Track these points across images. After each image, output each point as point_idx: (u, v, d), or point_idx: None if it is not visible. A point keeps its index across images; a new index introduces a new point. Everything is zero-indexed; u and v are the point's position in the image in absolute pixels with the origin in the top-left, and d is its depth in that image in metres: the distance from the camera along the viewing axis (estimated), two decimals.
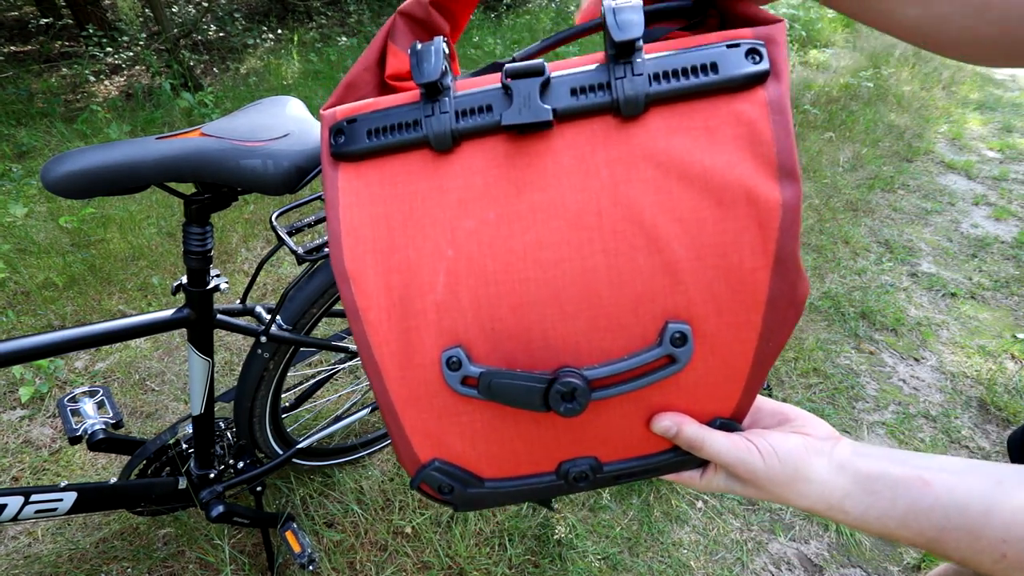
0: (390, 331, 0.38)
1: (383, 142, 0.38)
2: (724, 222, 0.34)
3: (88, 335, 0.72)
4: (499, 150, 0.37)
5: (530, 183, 0.36)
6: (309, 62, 3.96)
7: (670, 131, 0.35)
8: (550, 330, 0.37)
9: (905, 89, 3.35)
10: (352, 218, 0.38)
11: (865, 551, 1.20)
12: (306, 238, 2.05)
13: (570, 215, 0.36)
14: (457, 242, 0.37)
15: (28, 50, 4.57)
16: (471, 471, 0.41)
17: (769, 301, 0.35)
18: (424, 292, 0.37)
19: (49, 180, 0.60)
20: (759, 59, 0.34)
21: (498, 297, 0.37)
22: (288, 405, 1.22)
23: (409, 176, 0.38)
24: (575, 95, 0.35)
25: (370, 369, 0.40)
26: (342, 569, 1.15)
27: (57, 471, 1.33)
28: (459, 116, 0.36)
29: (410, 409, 0.40)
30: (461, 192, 0.37)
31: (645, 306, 0.36)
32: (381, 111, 0.38)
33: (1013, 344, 1.72)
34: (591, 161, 0.35)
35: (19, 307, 1.78)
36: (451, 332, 0.38)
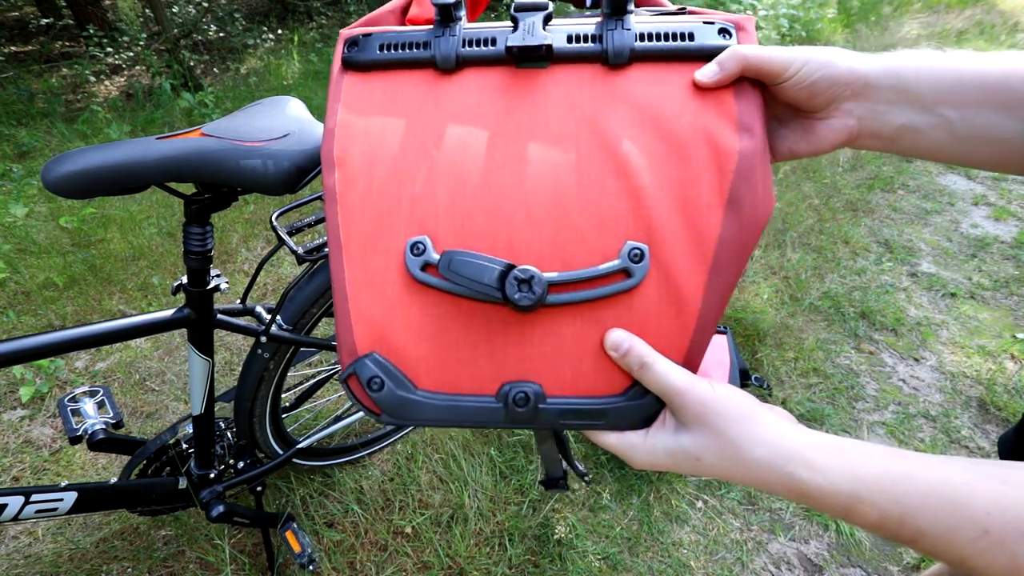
0: (363, 214, 0.40)
1: (392, 56, 0.41)
2: (686, 160, 0.38)
3: (88, 335, 0.72)
4: (497, 79, 0.41)
5: (519, 108, 0.40)
6: (309, 62, 3.96)
7: (649, 81, 0.39)
8: (516, 234, 0.39)
9: None
10: (348, 116, 0.41)
11: (865, 551, 1.20)
12: (306, 238, 2.05)
13: (551, 136, 0.39)
14: (444, 146, 0.40)
15: (29, 50, 4.57)
16: (407, 375, 0.40)
17: (720, 237, 0.38)
18: (403, 183, 0.40)
19: (49, 180, 0.60)
20: (728, 36, 0.39)
21: (472, 198, 0.39)
22: (288, 405, 1.22)
23: (410, 88, 0.41)
24: (571, 42, 0.40)
25: (333, 250, 0.41)
26: (342, 569, 1.15)
27: (57, 471, 1.33)
28: (466, 43, 0.41)
29: (362, 293, 0.40)
30: (456, 106, 0.40)
31: (608, 225, 0.38)
32: (395, 31, 0.42)
33: (1013, 344, 1.72)
34: (576, 96, 0.40)
35: (19, 307, 1.78)
36: (421, 223, 0.40)
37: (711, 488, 1.31)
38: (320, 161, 0.71)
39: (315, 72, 3.72)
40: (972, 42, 4.24)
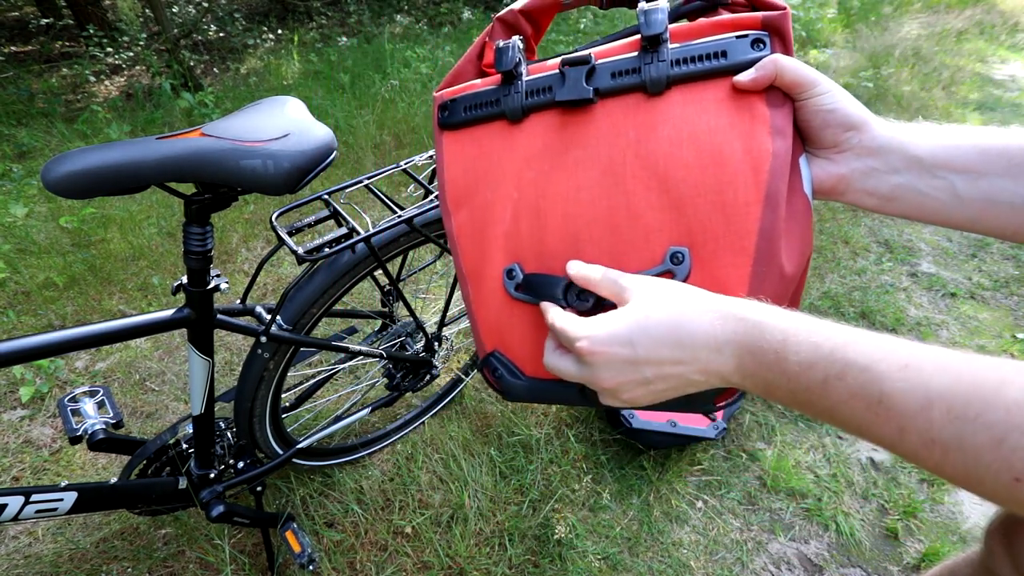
0: (473, 251, 0.53)
1: (473, 115, 0.51)
2: (722, 166, 0.42)
3: (88, 335, 0.72)
4: (555, 120, 0.48)
5: (575, 143, 0.47)
6: (309, 62, 3.95)
7: (686, 102, 0.43)
8: (581, 252, 0.47)
9: (905, 89, 3.34)
10: (452, 171, 0.53)
11: (865, 551, 1.20)
12: (306, 238, 2.05)
13: (602, 166, 0.46)
14: (521, 187, 0.49)
15: (29, 50, 4.57)
16: (517, 365, 0.52)
17: (761, 231, 0.41)
18: (496, 223, 0.51)
19: (49, 180, 0.60)
20: (762, 47, 0.41)
21: (546, 227, 0.48)
22: (288, 405, 1.22)
23: (490, 139, 0.51)
24: (614, 77, 0.45)
25: (461, 279, 0.55)
26: (342, 569, 1.15)
27: (57, 471, 1.33)
28: (528, 95, 0.48)
29: (482, 310, 0.53)
30: (526, 150, 0.49)
31: (654, 235, 0.44)
32: (473, 93, 0.52)
33: (1013, 344, 1.72)
34: (622, 125, 0.45)
35: (19, 307, 1.78)
36: (513, 253, 0.50)
37: (711, 488, 1.31)
38: (320, 161, 0.72)
39: (315, 72, 3.71)
40: (972, 42, 4.24)
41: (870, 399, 0.30)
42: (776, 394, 0.35)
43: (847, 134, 0.42)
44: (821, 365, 0.32)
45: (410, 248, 1.04)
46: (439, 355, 1.28)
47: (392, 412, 1.48)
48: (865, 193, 0.43)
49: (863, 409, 0.30)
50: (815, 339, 0.33)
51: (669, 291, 0.39)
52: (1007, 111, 3.21)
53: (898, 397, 0.29)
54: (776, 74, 0.40)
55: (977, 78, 3.64)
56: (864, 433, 0.31)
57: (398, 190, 2.38)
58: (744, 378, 0.36)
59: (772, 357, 0.34)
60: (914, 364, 0.29)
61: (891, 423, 0.29)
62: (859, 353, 0.31)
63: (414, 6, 5.31)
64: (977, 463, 0.27)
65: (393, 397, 1.28)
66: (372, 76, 3.36)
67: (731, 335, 0.36)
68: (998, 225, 0.39)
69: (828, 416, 0.32)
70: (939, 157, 0.39)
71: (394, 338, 1.23)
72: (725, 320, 0.36)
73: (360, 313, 1.27)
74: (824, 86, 0.41)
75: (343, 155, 2.63)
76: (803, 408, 0.34)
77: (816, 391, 0.32)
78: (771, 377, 0.34)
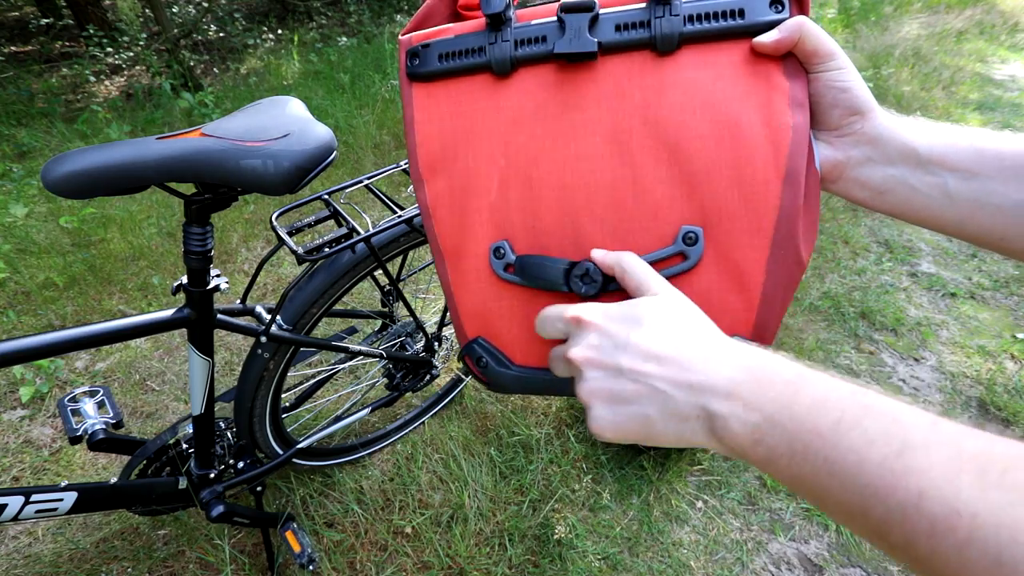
0: (451, 226, 0.46)
1: (451, 65, 0.44)
2: (739, 139, 0.38)
3: (88, 335, 0.72)
4: (550, 76, 0.42)
5: (574, 105, 0.41)
6: (309, 62, 3.95)
7: (698, 65, 0.39)
8: (581, 229, 0.42)
9: (905, 89, 3.35)
10: (425, 131, 0.45)
11: (865, 551, 1.20)
12: (306, 238, 2.05)
13: (605, 131, 0.41)
14: (509, 153, 0.43)
15: (29, 50, 4.57)
16: (505, 353, 0.47)
17: (781, 210, 0.38)
18: (480, 194, 0.44)
19: (49, 180, 0.60)
20: (781, 8, 0.38)
21: (539, 200, 0.42)
22: (288, 405, 1.22)
23: (472, 96, 0.44)
24: (619, 30, 0.40)
25: (436, 257, 0.48)
26: (342, 569, 1.15)
27: (57, 471, 1.33)
28: (518, 44, 0.42)
29: (462, 292, 0.47)
30: (515, 111, 0.43)
31: (664, 211, 0.40)
32: (451, 38, 0.44)
33: (1013, 344, 1.72)
34: (627, 87, 0.40)
35: (20, 307, 1.78)
36: (499, 228, 0.44)
37: (711, 488, 1.31)
38: (320, 161, 0.72)
39: (315, 72, 3.71)
40: (972, 42, 4.24)
41: (888, 451, 0.25)
42: (768, 438, 0.29)
43: (852, 118, 0.40)
44: (835, 405, 0.27)
45: (410, 248, 1.04)
46: (439, 355, 1.28)
47: (392, 412, 1.48)
48: (857, 183, 0.41)
49: (876, 463, 0.25)
50: (832, 381, 0.29)
51: (691, 304, 0.36)
52: (1007, 111, 3.21)
53: (922, 452, 0.24)
54: (799, 38, 0.37)
55: (977, 78, 3.64)
56: (871, 496, 0.25)
57: (398, 190, 2.38)
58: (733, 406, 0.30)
59: (781, 388, 0.29)
60: (944, 425, 0.25)
61: (909, 483, 0.24)
62: (881, 400, 0.27)
63: (414, 6, 5.31)
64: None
65: (393, 397, 1.28)
66: (372, 76, 3.36)
67: (738, 357, 0.32)
68: (985, 229, 0.38)
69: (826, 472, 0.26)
70: (935, 152, 0.38)
71: (394, 338, 1.23)
72: (736, 345, 0.33)
73: (360, 313, 1.27)
74: (841, 61, 0.38)
75: (343, 155, 2.63)
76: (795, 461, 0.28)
77: (824, 434, 0.26)
78: (772, 411, 0.29)
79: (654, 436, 0.33)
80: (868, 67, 3.62)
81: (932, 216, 0.40)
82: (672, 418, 0.32)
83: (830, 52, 0.38)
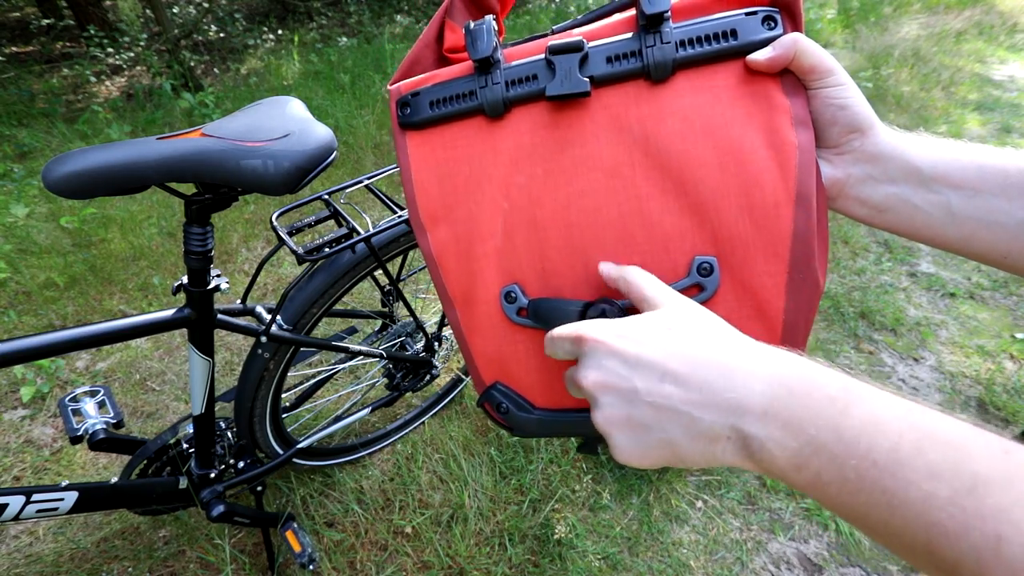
0: (459, 273, 0.45)
1: (443, 112, 0.43)
2: (744, 163, 0.38)
3: (89, 335, 0.72)
4: (544, 114, 0.41)
5: (571, 141, 0.41)
6: (309, 63, 3.96)
7: (695, 90, 0.38)
8: (591, 267, 0.41)
9: (904, 89, 3.35)
10: (422, 180, 0.45)
11: (864, 550, 1.20)
12: (306, 238, 2.05)
13: (607, 167, 0.40)
14: (511, 196, 0.42)
15: (30, 51, 4.58)
16: (526, 397, 0.46)
17: (795, 234, 0.37)
18: (485, 239, 0.44)
19: (50, 180, 0.60)
20: (774, 25, 0.37)
21: (547, 241, 0.42)
22: (288, 405, 1.22)
23: (467, 140, 0.43)
24: (610, 62, 0.39)
25: (446, 305, 0.47)
26: (342, 569, 1.15)
27: (58, 471, 1.33)
28: (509, 85, 0.41)
29: (476, 338, 0.46)
30: (512, 152, 0.42)
31: (675, 243, 0.39)
32: (440, 84, 0.44)
33: (1012, 344, 1.72)
34: (624, 119, 0.40)
35: (20, 307, 1.78)
36: (508, 272, 0.44)
37: (711, 488, 1.31)
38: (320, 161, 0.72)
39: (315, 72, 3.72)
40: (971, 43, 4.24)
41: (958, 486, 0.22)
42: (811, 463, 0.26)
43: (851, 135, 0.39)
44: (894, 427, 0.24)
45: (410, 248, 1.04)
46: (439, 355, 1.28)
47: (392, 412, 1.48)
48: (857, 201, 0.40)
49: (945, 500, 0.22)
50: (885, 395, 0.26)
51: (708, 314, 0.34)
52: (1006, 111, 3.21)
53: (998, 487, 0.21)
54: (795, 55, 0.36)
55: (976, 78, 3.64)
56: (936, 538, 0.22)
57: (398, 190, 2.38)
58: (769, 426, 0.27)
59: (824, 404, 0.26)
60: (1016, 451, 0.22)
61: (985, 525, 0.21)
62: (943, 423, 0.24)
63: (414, 6, 5.32)
64: None
65: (393, 397, 1.28)
66: (372, 76, 3.36)
67: (772, 367, 0.28)
68: (987, 246, 0.37)
69: (883, 506, 0.23)
70: (938, 170, 0.37)
71: (394, 338, 1.23)
72: (768, 354, 0.29)
73: (360, 313, 1.27)
74: (840, 77, 0.38)
75: (343, 155, 2.63)
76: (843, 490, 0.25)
77: (879, 462, 0.23)
78: (815, 432, 0.25)
79: (682, 459, 0.30)
80: (868, 67, 3.62)
81: (934, 234, 0.39)
82: (699, 439, 0.29)
83: (828, 68, 0.37)
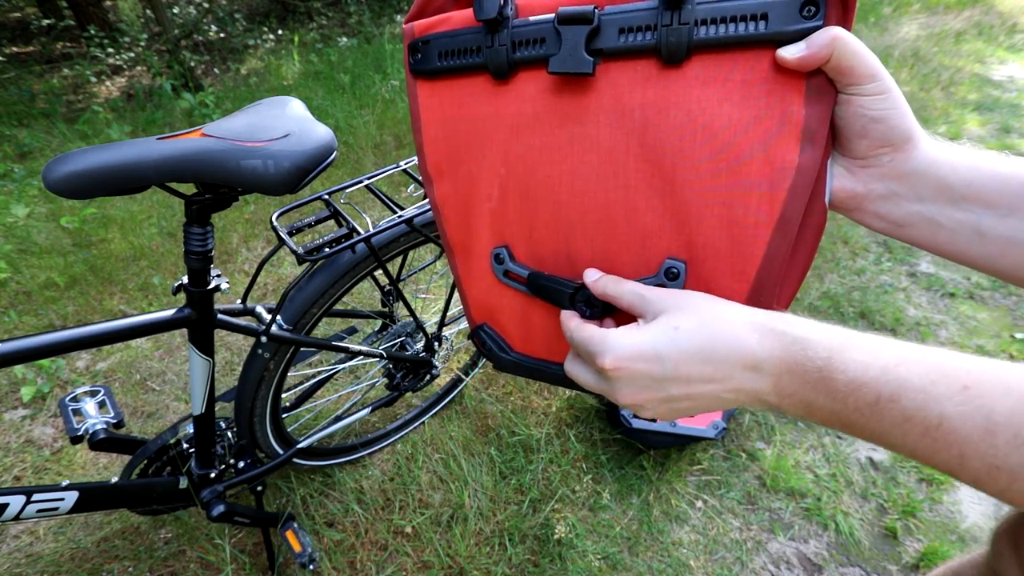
0: (458, 225, 0.49)
1: (451, 64, 0.44)
2: (737, 176, 0.36)
3: (89, 335, 0.72)
4: (550, 81, 0.40)
5: (572, 116, 0.40)
6: (309, 63, 3.96)
7: (706, 81, 0.35)
8: (572, 246, 0.43)
9: (904, 90, 3.34)
10: (431, 132, 0.47)
11: (864, 550, 1.20)
12: (306, 238, 2.05)
13: (602, 151, 0.39)
14: (508, 162, 0.44)
15: (30, 51, 4.58)
16: (507, 341, 0.52)
17: (766, 257, 0.36)
18: (482, 200, 0.46)
19: (50, 180, 0.61)
20: (814, 12, 0.32)
21: (536, 212, 0.44)
22: (288, 405, 1.22)
23: (473, 99, 0.44)
24: (623, 34, 0.36)
25: (447, 249, 0.52)
26: (342, 568, 1.15)
27: (59, 470, 1.33)
28: (515, 46, 0.40)
29: (470, 284, 0.52)
30: (514, 118, 0.42)
31: (651, 240, 0.40)
32: (450, 34, 0.44)
33: (1011, 344, 1.72)
34: (627, 102, 0.38)
35: (21, 307, 1.78)
36: (500, 234, 0.47)
37: (711, 488, 1.31)
38: (320, 161, 0.72)
39: (315, 72, 3.72)
40: (971, 43, 4.24)
41: (927, 423, 0.28)
42: (818, 415, 0.32)
43: (882, 150, 0.35)
44: (871, 386, 0.29)
45: (410, 248, 1.04)
46: (439, 355, 1.28)
47: (392, 412, 1.48)
48: (876, 216, 0.38)
49: (919, 434, 0.28)
50: (863, 357, 0.30)
51: (701, 302, 0.35)
52: (1006, 111, 3.21)
53: (958, 422, 0.27)
54: (831, 55, 0.32)
55: (976, 79, 3.64)
56: (919, 457, 0.29)
57: (398, 190, 2.38)
58: (782, 398, 0.32)
59: (816, 376, 0.31)
60: (974, 385, 0.27)
61: (951, 449, 0.27)
62: (913, 373, 0.29)
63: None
64: None
65: (393, 397, 1.28)
66: (372, 76, 3.37)
67: (770, 351, 0.32)
68: (1014, 265, 0.35)
69: (878, 439, 0.30)
70: (973, 188, 0.34)
71: (394, 338, 1.23)
72: (763, 335, 0.32)
73: (360, 313, 1.27)
74: (882, 84, 0.33)
75: (343, 155, 2.63)
76: (849, 430, 0.31)
77: (866, 413, 0.30)
78: (813, 398, 0.31)
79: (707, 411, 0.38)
80: None
81: (957, 250, 0.37)
82: (726, 404, 0.35)
83: (868, 74, 0.33)
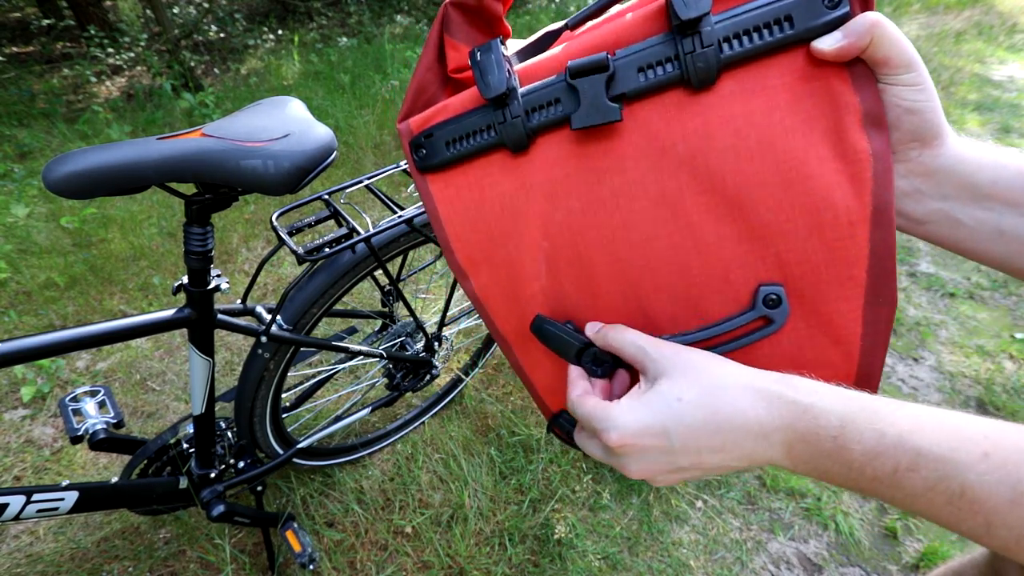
0: (507, 314, 0.44)
1: (462, 150, 0.40)
2: (808, 178, 0.33)
3: (89, 335, 0.72)
4: (572, 140, 0.37)
5: (608, 168, 0.37)
6: (309, 63, 3.96)
7: (745, 94, 0.33)
8: (646, 302, 0.38)
9: None
10: (454, 225, 0.42)
11: (864, 550, 1.20)
12: (306, 238, 2.05)
13: (651, 194, 0.36)
14: (551, 234, 0.39)
15: (30, 51, 4.58)
16: None
17: (872, 255, 0.33)
18: (530, 280, 0.41)
19: (50, 180, 0.61)
20: (838, 2, 0.31)
21: (595, 277, 0.39)
22: (288, 405, 1.22)
23: (493, 179, 0.40)
24: (642, 72, 0.34)
25: (498, 340, 0.46)
26: (342, 568, 1.15)
27: (59, 470, 1.33)
28: (529, 114, 0.37)
29: (536, 372, 0.46)
30: (545, 186, 0.38)
31: (736, 272, 0.36)
32: (454, 120, 0.40)
33: (1011, 344, 1.72)
34: (665, 137, 0.35)
35: (21, 307, 1.78)
36: (560, 312, 0.41)
37: (711, 488, 1.31)
38: (320, 161, 0.72)
39: (315, 72, 3.72)
40: (970, 43, 4.24)
41: (950, 493, 0.27)
42: (835, 481, 0.31)
43: (911, 145, 0.34)
44: (889, 455, 0.28)
45: (410, 248, 1.04)
46: (439, 355, 1.28)
47: (392, 412, 1.48)
48: (897, 213, 0.36)
49: (943, 503, 0.27)
50: (878, 425, 0.29)
51: (703, 368, 0.34)
52: (1005, 111, 3.21)
53: (982, 491, 0.26)
54: (871, 41, 0.30)
55: (976, 79, 3.64)
56: (944, 524, 0.28)
57: (398, 190, 2.38)
58: (796, 464, 0.32)
59: (830, 445, 0.30)
60: (994, 452, 0.26)
61: (976, 517, 0.27)
62: (931, 442, 0.28)
63: (414, 6, 5.32)
64: None
65: (393, 397, 1.28)
66: (372, 76, 3.37)
67: (779, 421, 0.31)
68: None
69: (900, 505, 0.29)
70: (999, 187, 0.33)
71: (394, 338, 1.23)
72: (770, 403, 0.31)
73: (360, 313, 1.27)
74: (919, 75, 0.32)
75: (343, 155, 2.63)
76: (868, 496, 0.31)
77: (885, 482, 0.29)
78: (829, 466, 0.30)
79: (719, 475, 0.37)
80: None
81: (975, 248, 0.36)
82: (737, 469, 0.35)
83: (907, 63, 0.31)
